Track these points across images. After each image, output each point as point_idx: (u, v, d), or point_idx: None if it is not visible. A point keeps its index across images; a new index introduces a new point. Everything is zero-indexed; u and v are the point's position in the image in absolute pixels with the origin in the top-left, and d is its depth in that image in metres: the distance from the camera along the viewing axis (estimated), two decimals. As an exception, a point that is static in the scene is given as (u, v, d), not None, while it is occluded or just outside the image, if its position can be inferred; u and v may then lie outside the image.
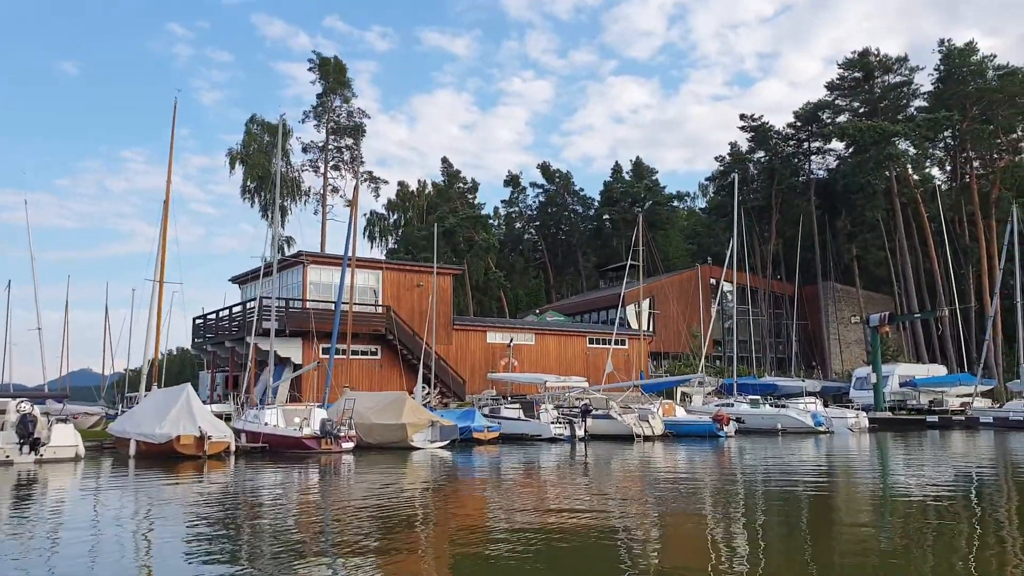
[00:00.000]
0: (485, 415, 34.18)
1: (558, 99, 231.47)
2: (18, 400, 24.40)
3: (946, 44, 68.08)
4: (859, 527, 12.21)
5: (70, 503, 15.52)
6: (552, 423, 34.10)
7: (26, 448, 22.18)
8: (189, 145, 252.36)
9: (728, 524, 12.28)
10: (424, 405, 34.34)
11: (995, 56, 67.07)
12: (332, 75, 69.94)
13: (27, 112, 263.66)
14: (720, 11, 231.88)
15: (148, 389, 31.75)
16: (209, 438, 23.93)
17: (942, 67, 68.35)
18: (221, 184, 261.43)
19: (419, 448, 28.25)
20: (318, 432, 26.68)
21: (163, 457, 23.86)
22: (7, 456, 21.82)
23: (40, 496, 16.51)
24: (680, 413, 38.68)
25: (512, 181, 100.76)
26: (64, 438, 23.34)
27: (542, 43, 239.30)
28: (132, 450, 24.66)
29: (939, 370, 56.90)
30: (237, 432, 26.96)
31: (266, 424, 27.58)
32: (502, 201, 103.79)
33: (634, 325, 59.73)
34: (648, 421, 34.76)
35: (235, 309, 44.91)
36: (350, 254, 36.30)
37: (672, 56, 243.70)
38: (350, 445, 26.92)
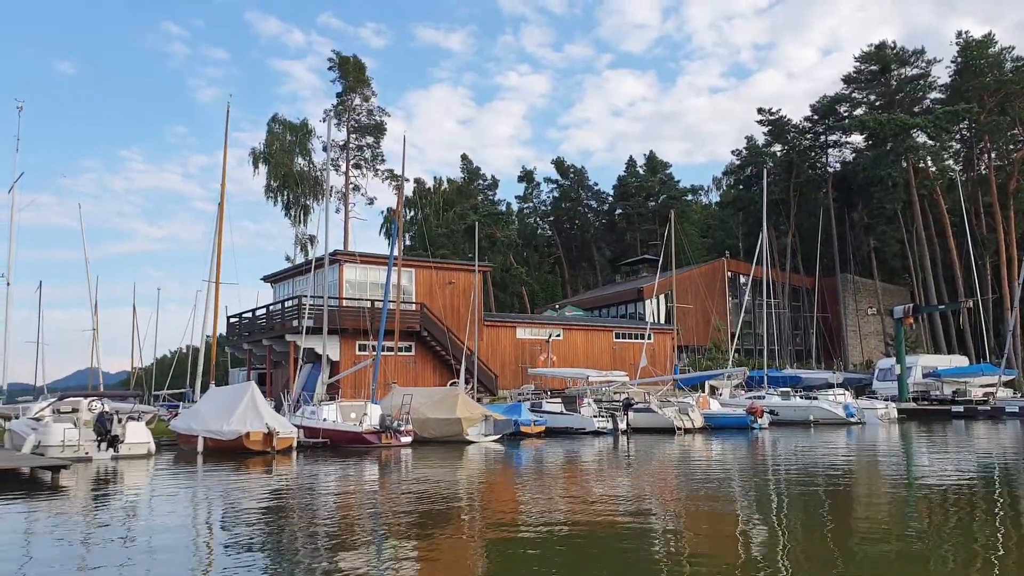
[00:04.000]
0: (529, 409, 34.85)
1: (555, 93, 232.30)
2: (90, 399, 25.14)
3: (963, 36, 68.53)
4: (924, 521, 12.85)
5: (169, 497, 16.18)
6: (594, 417, 34.78)
7: (104, 445, 22.87)
8: (189, 143, 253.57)
9: (780, 518, 12.94)
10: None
11: (1013, 48, 67.64)
12: (352, 74, 70.56)
13: (27, 111, 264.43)
14: (714, 2, 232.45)
15: (204, 388, 32.46)
16: (277, 434, 24.65)
17: (959, 59, 68.81)
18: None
19: (473, 441, 28.99)
20: (378, 427, 27.41)
21: (231, 453, 24.55)
22: (86, 453, 22.50)
23: (138, 491, 17.19)
24: (715, 406, 39.30)
25: (526, 177, 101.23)
26: (137, 435, 24.02)
27: (537, 37, 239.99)
28: (200, 446, 25.34)
29: (961, 361, 57.44)
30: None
31: (324, 420, 28.30)
32: (516, 197, 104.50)
33: (649, 319, 60.38)
34: (688, 414, 35.40)
35: (272, 308, 45.61)
36: (395, 254, 36.91)
37: (668, 48, 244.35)
38: (408, 439, 27.64)
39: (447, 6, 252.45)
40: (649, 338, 53.73)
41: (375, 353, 35.10)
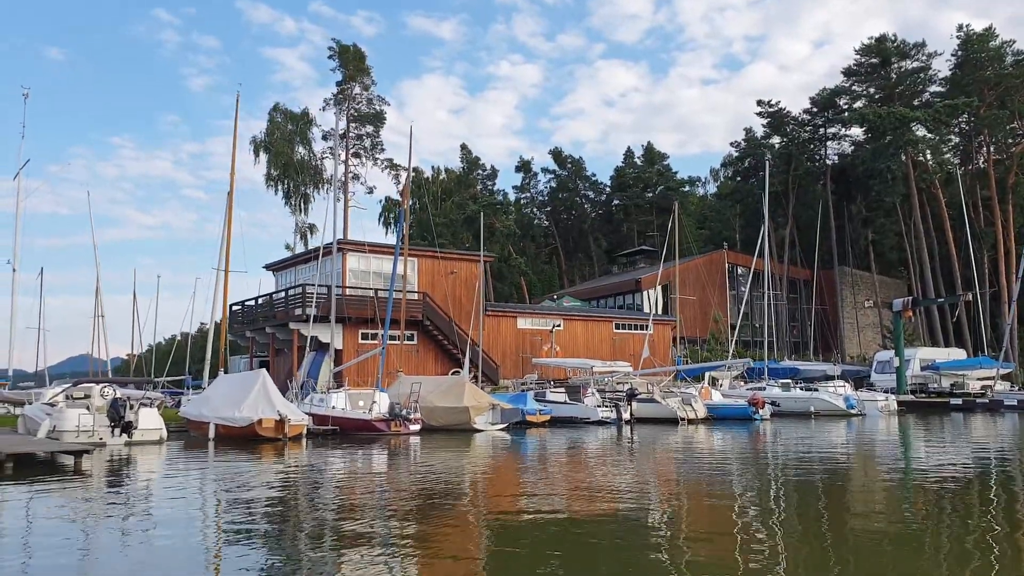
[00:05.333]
0: (534, 399, 35.07)
1: (547, 83, 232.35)
2: (102, 385, 25.26)
3: (964, 30, 68.86)
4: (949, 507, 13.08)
5: (191, 482, 16.31)
6: (598, 407, 35.01)
7: (117, 431, 22.99)
8: (180, 131, 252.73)
9: (788, 511, 13.12)
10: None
11: (1014, 41, 67.96)
12: (351, 63, 70.46)
13: (17, 98, 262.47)
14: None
15: (212, 375, 32.59)
16: (288, 421, 24.81)
17: (960, 52, 69.14)
18: (213, 170, 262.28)
19: (481, 430, 29.21)
20: (387, 415, 27.59)
21: (243, 439, 24.69)
22: (100, 438, 22.60)
23: (161, 476, 17.33)
24: (717, 397, 39.56)
25: (523, 167, 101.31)
26: (150, 421, 24.17)
27: (529, 26, 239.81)
28: (211, 433, 25.48)
29: (959, 354, 57.81)
30: (303, 416, 27.77)
31: (333, 408, 28.48)
32: (513, 187, 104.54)
33: (648, 310, 60.58)
34: (691, 405, 35.65)
35: (275, 295, 45.71)
36: (402, 245, 37.03)
37: (660, 39, 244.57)
38: (417, 427, 27.86)
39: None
40: (648, 329, 53.99)
41: (378, 341, 35.27)
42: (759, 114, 79.23)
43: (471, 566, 8.52)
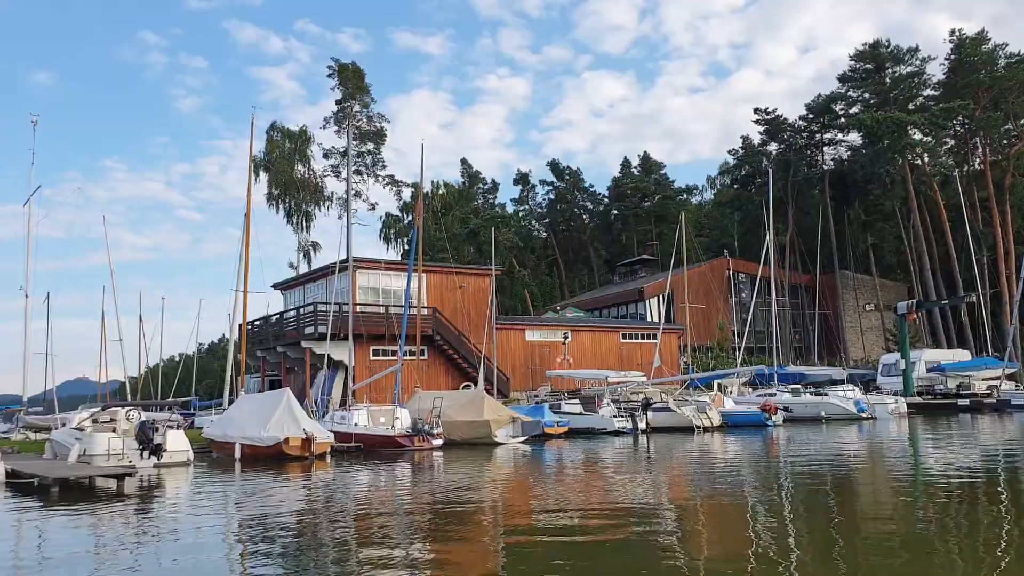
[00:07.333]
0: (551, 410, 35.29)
1: (535, 95, 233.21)
2: (127, 409, 25.44)
3: (957, 33, 69.56)
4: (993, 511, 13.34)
5: (234, 503, 16.53)
6: (614, 417, 35.22)
7: (147, 453, 23.14)
8: (171, 152, 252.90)
9: (814, 521, 13.37)
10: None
11: (1007, 44, 68.70)
12: (351, 81, 70.91)
13: (5, 123, 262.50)
14: (690, 2, 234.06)
15: (233, 395, 32.79)
16: (314, 439, 25.00)
17: (953, 56, 69.79)
18: (204, 190, 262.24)
19: (502, 443, 29.42)
20: (410, 431, 27.82)
21: (269, 459, 24.85)
22: (130, 461, 22.75)
23: (202, 496, 17.54)
24: (729, 404, 39.84)
25: (522, 179, 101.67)
26: (177, 443, 24.35)
27: (515, 40, 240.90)
28: (237, 453, 25.65)
29: (963, 355, 58.13)
30: (324, 433, 27.92)
31: (355, 424, 28.68)
32: (511, 200, 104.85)
33: (651, 319, 60.82)
34: (706, 413, 35.89)
35: (287, 314, 45.91)
36: (415, 261, 37.32)
37: (646, 49, 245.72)
38: (439, 442, 28.08)
39: (424, 10, 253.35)
40: (658, 338, 54.21)
41: (392, 358, 35.45)
42: (756, 121, 79.69)
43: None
